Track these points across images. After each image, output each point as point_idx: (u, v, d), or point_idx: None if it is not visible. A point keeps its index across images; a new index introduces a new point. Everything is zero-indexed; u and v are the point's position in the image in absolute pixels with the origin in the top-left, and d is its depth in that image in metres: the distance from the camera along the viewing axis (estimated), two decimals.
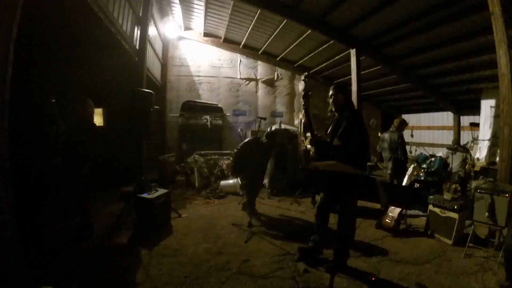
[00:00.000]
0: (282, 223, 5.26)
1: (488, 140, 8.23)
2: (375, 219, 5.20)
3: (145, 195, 4.49)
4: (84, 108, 4.25)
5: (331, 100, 3.71)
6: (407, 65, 8.61)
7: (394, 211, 5.04)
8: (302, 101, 3.85)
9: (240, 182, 6.98)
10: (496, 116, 8.08)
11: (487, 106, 8.41)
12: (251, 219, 4.88)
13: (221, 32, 10.02)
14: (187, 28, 10.32)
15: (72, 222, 4.37)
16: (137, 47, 6.32)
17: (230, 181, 7.28)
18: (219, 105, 10.15)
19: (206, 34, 10.41)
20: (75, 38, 5.36)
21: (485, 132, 8.42)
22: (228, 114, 10.50)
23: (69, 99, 4.89)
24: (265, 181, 7.35)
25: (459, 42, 6.62)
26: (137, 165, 5.46)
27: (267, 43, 9.75)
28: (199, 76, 10.52)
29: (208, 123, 9.28)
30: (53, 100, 4.02)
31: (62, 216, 4.55)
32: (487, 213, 4.05)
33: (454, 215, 4.55)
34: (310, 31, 7.81)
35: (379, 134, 7.35)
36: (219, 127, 9.65)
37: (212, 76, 10.64)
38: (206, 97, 10.40)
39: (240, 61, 10.92)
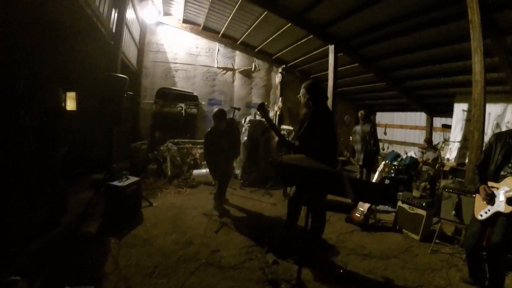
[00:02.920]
0: (253, 215, 5.29)
1: (459, 142, 8.61)
2: (346, 213, 5.29)
3: (115, 183, 4.41)
4: (54, 94, 4.14)
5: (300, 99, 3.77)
6: (383, 66, 8.78)
7: (364, 206, 5.16)
8: (258, 112, 3.90)
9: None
10: (468, 120, 8.46)
11: (459, 109, 8.79)
12: (221, 210, 4.94)
13: (201, 20, 9.85)
14: (166, 13, 10.08)
15: (39, 212, 4.24)
16: (113, 31, 6.11)
17: (203, 171, 7.21)
18: (195, 94, 9.99)
19: (185, 21, 10.20)
20: (48, 20, 5.16)
21: (456, 134, 8.81)
22: (203, 103, 10.37)
23: (41, 84, 4.73)
24: (237, 171, 7.41)
25: (435, 47, 6.80)
26: (108, 152, 5.35)
27: (246, 33, 9.68)
28: (175, 63, 10.30)
29: (183, 112, 9.12)
30: (20, 84, 3.86)
31: (29, 205, 4.41)
32: (454, 212, 4.27)
33: (422, 212, 4.70)
34: (289, 25, 7.78)
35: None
36: (193, 116, 9.50)
37: (188, 64, 10.44)
38: (181, 85, 10.21)
39: (218, 50, 10.77)
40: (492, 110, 5.42)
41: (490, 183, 3.13)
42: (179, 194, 6.15)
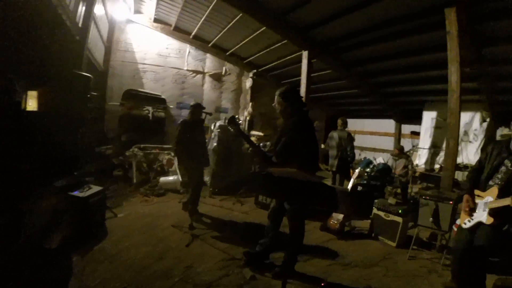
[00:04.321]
0: (226, 225, 5.07)
1: (428, 148, 8.94)
2: (319, 221, 5.21)
3: (77, 193, 4.04)
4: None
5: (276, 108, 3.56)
6: (361, 72, 8.89)
7: (339, 213, 5.12)
8: (229, 127, 3.75)
9: (180, 179, 6.70)
10: (436, 127, 8.91)
11: (428, 117, 9.18)
12: (193, 221, 4.67)
13: (172, 20, 9.57)
14: (137, 11, 9.69)
15: None
16: (80, 25, 5.72)
17: (170, 178, 6.93)
18: (163, 96, 9.62)
19: (156, 20, 9.85)
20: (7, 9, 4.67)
21: (425, 141, 9.19)
22: (171, 106, 10.04)
23: None
24: (207, 178, 7.10)
25: (413, 55, 6.96)
26: (71, 157, 4.93)
27: (219, 36, 9.46)
28: (144, 64, 9.90)
29: (150, 115, 8.75)
30: None
31: None
32: (431, 219, 4.33)
33: (398, 219, 4.74)
34: (264, 28, 7.64)
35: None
36: (161, 119, 9.12)
37: (158, 65, 10.09)
38: (150, 87, 9.82)
39: (189, 52, 10.50)
40: (461, 118, 5.73)
41: (477, 192, 3.14)
42: (146, 203, 5.81)
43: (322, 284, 3.35)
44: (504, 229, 3.03)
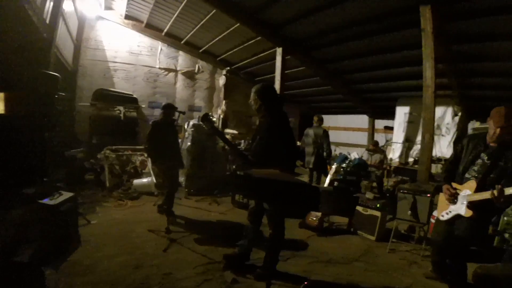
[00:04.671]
0: (203, 226, 4.98)
1: (401, 143, 9.21)
2: (297, 218, 5.22)
3: (47, 201, 3.79)
4: None
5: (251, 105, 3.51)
6: (335, 69, 9.01)
7: None
8: (203, 124, 3.70)
9: (155, 181, 6.57)
10: (410, 122, 9.19)
11: (401, 112, 9.47)
12: (169, 223, 4.54)
13: (144, 16, 9.36)
14: (108, 7, 9.39)
15: None
16: (47, 22, 5.46)
17: (144, 180, 6.76)
18: (135, 96, 9.33)
19: (127, 17, 9.61)
20: None
21: (398, 135, 9.46)
22: (143, 106, 9.80)
23: None
24: (182, 179, 6.99)
25: (386, 53, 7.12)
26: (39, 163, 4.69)
27: (192, 33, 9.37)
28: (115, 62, 9.63)
29: (122, 115, 8.48)
30: None
31: None
32: (409, 212, 4.48)
33: (377, 213, 4.89)
34: (238, 25, 7.61)
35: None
36: (133, 119, 8.84)
37: (129, 64, 9.84)
38: (121, 86, 9.56)
39: (161, 49, 10.33)
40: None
41: (454, 185, 3.17)
42: (120, 208, 5.61)
43: (305, 282, 3.34)
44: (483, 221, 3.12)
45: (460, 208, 3.02)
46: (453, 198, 3.09)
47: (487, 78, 7.27)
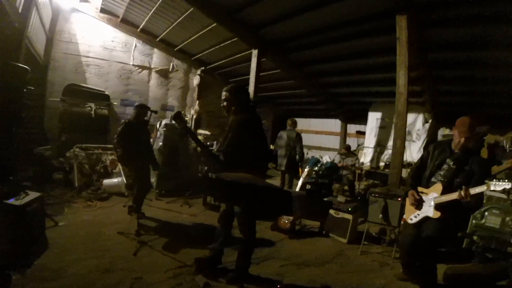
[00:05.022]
0: (174, 229, 4.96)
1: (373, 147, 9.35)
2: (268, 221, 5.26)
3: (12, 201, 3.62)
4: None
5: (222, 104, 3.50)
6: (310, 72, 9.10)
7: None
8: (175, 123, 3.69)
9: (125, 181, 6.43)
10: (382, 127, 9.35)
11: (374, 117, 9.63)
12: (139, 226, 4.44)
13: (120, 11, 9.12)
14: (84, 0, 9.04)
15: None
16: (20, 10, 5.26)
17: (115, 180, 6.61)
18: (107, 93, 9.07)
19: (103, 10, 9.29)
20: None
21: (370, 140, 9.62)
22: (115, 103, 9.51)
23: None
24: (153, 180, 6.81)
25: (361, 58, 7.24)
26: (5, 160, 4.49)
27: (168, 30, 9.20)
28: (88, 57, 9.28)
29: (93, 112, 8.20)
30: None
31: None
32: (381, 215, 4.60)
33: (348, 216, 5.01)
34: (215, 24, 7.55)
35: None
36: (104, 117, 8.56)
37: (102, 59, 9.52)
38: (93, 82, 9.23)
39: (136, 46, 10.05)
40: None
41: (420, 189, 3.29)
42: (89, 209, 5.47)
43: (278, 286, 3.37)
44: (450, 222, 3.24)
45: (428, 210, 3.14)
46: (417, 204, 3.20)
47: (458, 86, 7.51)
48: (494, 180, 2.80)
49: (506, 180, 2.77)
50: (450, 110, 8.24)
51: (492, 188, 2.78)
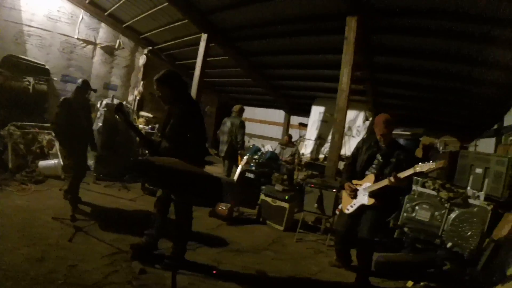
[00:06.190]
0: (111, 214, 4.89)
1: (314, 139, 9.71)
2: (206, 207, 5.30)
3: None
4: None
5: (156, 95, 3.50)
6: (257, 62, 9.25)
7: None
8: (117, 117, 3.77)
9: (62, 163, 6.12)
10: (323, 121, 9.75)
11: (316, 111, 10.07)
12: (74, 211, 4.38)
13: None
14: None
15: None
16: None
17: (51, 162, 6.29)
18: (47, 67, 8.52)
19: None
20: None
21: (312, 132, 10.03)
22: (55, 79, 8.97)
23: None
24: (91, 162, 6.69)
25: (309, 54, 7.49)
26: None
27: (118, 5, 8.84)
28: (30, 26, 8.56)
29: (30, 87, 7.69)
30: None
31: None
32: (316, 205, 4.91)
33: (285, 205, 5.27)
34: (166, 4, 7.44)
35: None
36: (43, 93, 8.05)
37: (45, 30, 8.85)
38: (33, 54, 8.59)
39: (82, 18, 9.48)
40: (347, 115, 6.48)
41: (355, 181, 3.59)
42: (23, 193, 5.17)
43: (214, 271, 3.46)
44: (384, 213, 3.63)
45: (363, 198, 3.48)
46: (354, 194, 3.54)
47: (399, 89, 7.98)
48: (420, 163, 3.16)
49: (431, 161, 3.14)
50: (390, 110, 8.62)
51: (418, 170, 3.15)
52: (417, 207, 4.70)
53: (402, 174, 3.24)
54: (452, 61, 6.07)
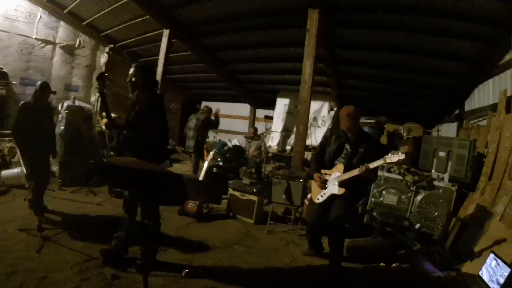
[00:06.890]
0: (79, 220, 4.74)
1: (280, 132, 9.86)
2: (175, 206, 5.25)
3: None
4: None
5: (129, 79, 3.53)
6: (220, 57, 9.25)
7: None
8: (96, 84, 3.81)
9: (25, 171, 5.90)
10: (289, 113, 9.88)
11: (281, 103, 10.20)
12: (40, 221, 4.20)
13: None
14: None
15: None
16: None
17: (14, 170, 6.03)
18: (5, 70, 8.25)
19: None
20: None
21: (278, 124, 10.16)
22: (14, 82, 8.65)
23: None
24: (55, 168, 6.52)
25: (271, 47, 7.56)
26: None
27: (77, 1, 8.57)
28: None
29: None
30: None
31: None
32: (284, 196, 4.97)
33: (254, 198, 5.27)
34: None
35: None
36: (2, 98, 7.88)
37: (2, 31, 8.53)
38: None
39: (41, 17, 9.16)
40: (312, 106, 6.73)
41: (324, 171, 3.63)
42: None
43: (187, 270, 3.42)
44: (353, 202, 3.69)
45: (333, 188, 3.53)
46: (324, 185, 3.59)
47: (362, 81, 8.21)
48: (389, 153, 3.24)
49: (400, 152, 3.22)
50: (354, 102, 8.85)
51: (388, 161, 3.25)
52: (384, 192, 4.91)
53: (372, 165, 3.32)
54: (414, 53, 6.30)
